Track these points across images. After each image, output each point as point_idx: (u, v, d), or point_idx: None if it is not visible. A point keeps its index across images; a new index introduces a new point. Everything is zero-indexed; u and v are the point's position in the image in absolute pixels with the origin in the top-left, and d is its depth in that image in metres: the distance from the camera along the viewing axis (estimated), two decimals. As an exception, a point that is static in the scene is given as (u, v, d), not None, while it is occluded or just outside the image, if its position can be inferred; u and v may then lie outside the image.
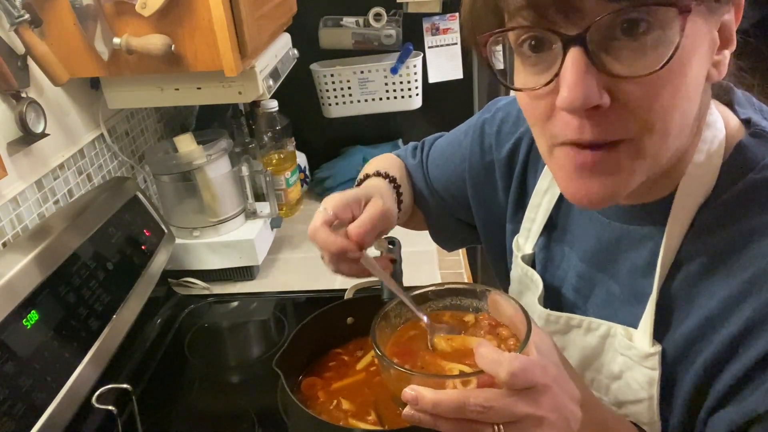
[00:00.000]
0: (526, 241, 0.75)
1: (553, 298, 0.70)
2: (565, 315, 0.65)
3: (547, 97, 0.48)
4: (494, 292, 0.59)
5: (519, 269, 0.75)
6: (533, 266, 0.74)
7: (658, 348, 0.54)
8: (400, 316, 0.64)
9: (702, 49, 0.47)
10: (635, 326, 0.57)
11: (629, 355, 0.57)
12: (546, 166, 0.71)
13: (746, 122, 0.56)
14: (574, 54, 0.44)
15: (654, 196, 0.57)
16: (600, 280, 0.64)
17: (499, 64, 0.53)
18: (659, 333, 0.55)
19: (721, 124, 0.55)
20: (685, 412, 0.54)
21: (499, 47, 0.52)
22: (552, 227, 0.72)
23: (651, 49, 0.44)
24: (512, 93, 0.58)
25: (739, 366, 0.49)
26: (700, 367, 0.52)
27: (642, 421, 0.56)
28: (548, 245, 0.72)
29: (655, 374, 0.55)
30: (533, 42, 0.48)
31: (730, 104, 0.58)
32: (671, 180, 0.55)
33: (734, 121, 0.56)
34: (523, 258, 0.74)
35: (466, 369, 0.53)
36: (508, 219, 0.79)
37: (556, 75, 0.46)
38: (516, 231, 0.77)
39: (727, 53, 0.50)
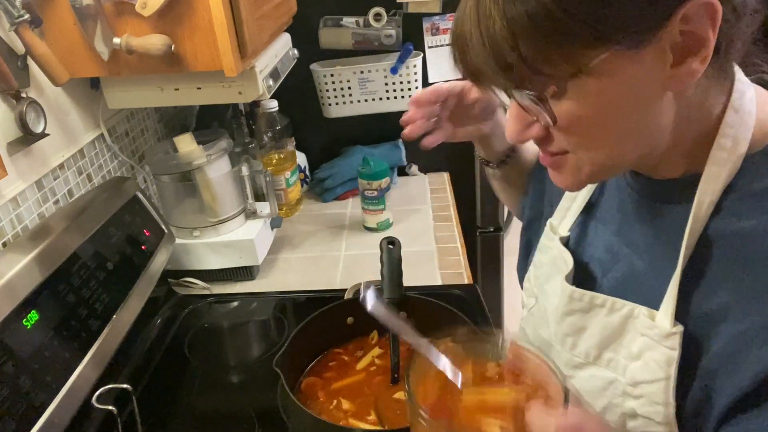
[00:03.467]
0: (561, 222, 0.77)
1: (579, 274, 0.70)
2: (589, 293, 0.65)
3: None
4: (514, 342, 0.63)
5: (554, 251, 0.75)
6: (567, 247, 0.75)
7: (679, 328, 0.55)
8: (429, 367, 0.63)
9: (626, 81, 0.50)
10: (656, 303, 0.58)
11: (650, 335, 0.57)
12: None
13: None
14: (512, 100, 0.55)
15: (679, 172, 0.59)
16: (625, 254, 0.65)
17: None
18: (680, 313, 0.56)
19: (751, 108, 0.55)
20: (700, 394, 0.54)
21: None
22: (589, 206, 0.74)
23: (555, 106, 0.52)
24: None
25: (747, 377, 0.49)
26: (715, 355, 0.53)
27: (656, 402, 0.57)
28: (584, 222, 0.74)
29: (675, 354, 0.55)
30: None
31: None
32: (696, 158, 0.56)
33: None
34: (561, 240, 0.75)
35: (503, 424, 0.56)
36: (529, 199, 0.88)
37: None
38: (549, 215, 0.79)
39: (694, 60, 0.49)
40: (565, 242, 0.75)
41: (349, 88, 1.57)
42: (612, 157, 0.56)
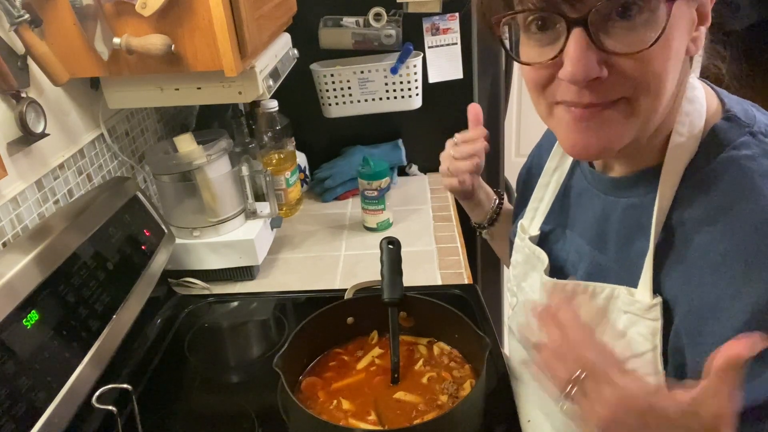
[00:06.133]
0: (531, 222, 0.81)
1: (555, 275, 0.74)
2: (571, 282, 0.69)
3: (550, 68, 0.56)
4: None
5: (526, 249, 0.79)
6: (539, 246, 0.78)
7: (658, 299, 0.59)
8: None
9: (683, 26, 0.54)
10: (634, 286, 0.62)
11: (632, 311, 0.61)
12: (554, 149, 0.80)
13: (722, 105, 0.62)
14: (576, 34, 0.52)
15: (641, 165, 0.64)
16: (587, 252, 0.70)
17: (507, 41, 0.60)
18: (656, 287, 0.60)
19: (702, 100, 0.61)
20: (679, 358, 0.58)
21: (506, 26, 0.59)
22: (557, 209, 0.78)
23: (642, 29, 0.51)
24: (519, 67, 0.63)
25: (704, 350, 0.52)
26: (676, 331, 0.57)
27: (647, 373, 0.60)
28: (554, 225, 0.78)
29: (658, 324, 0.59)
30: (540, 22, 0.55)
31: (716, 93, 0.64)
32: (655, 149, 0.62)
33: (714, 105, 0.62)
34: (531, 239, 0.79)
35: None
36: (514, 211, 0.90)
37: (561, 51, 0.53)
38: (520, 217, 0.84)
39: (703, 29, 0.57)
40: (536, 241, 0.79)
41: (349, 88, 1.57)
42: (661, 106, 0.56)
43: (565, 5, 0.51)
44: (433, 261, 1.33)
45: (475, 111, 0.92)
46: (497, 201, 1.03)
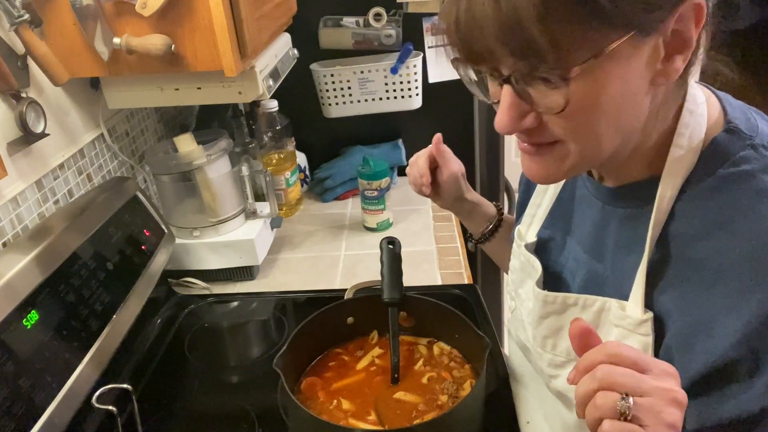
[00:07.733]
0: (528, 228, 0.80)
1: (552, 283, 0.73)
2: (561, 295, 0.68)
3: None
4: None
5: (522, 257, 0.78)
6: (535, 254, 0.77)
7: (649, 314, 0.58)
8: None
9: (629, 70, 0.51)
10: (625, 299, 0.61)
11: (624, 325, 0.60)
12: None
13: (724, 114, 0.60)
14: (505, 88, 0.54)
15: (629, 178, 0.63)
16: (584, 260, 0.70)
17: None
18: (648, 302, 0.59)
19: (704, 111, 0.59)
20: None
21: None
22: (558, 215, 0.77)
23: (557, 92, 0.51)
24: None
25: (695, 367, 0.52)
26: (667, 346, 0.57)
27: None
28: (554, 232, 0.77)
29: (649, 339, 0.58)
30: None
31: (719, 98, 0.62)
32: (647, 161, 0.61)
33: (716, 114, 0.60)
34: (527, 246, 0.78)
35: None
36: (516, 213, 0.88)
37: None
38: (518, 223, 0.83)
39: (679, 57, 0.53)
40: (533, 248, 0.78)
41: (349, 88, 1.57)
42: (599, 147, 0.56)
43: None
44: (433, 261, 1.33)
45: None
46: (497, 218, 1.00)
